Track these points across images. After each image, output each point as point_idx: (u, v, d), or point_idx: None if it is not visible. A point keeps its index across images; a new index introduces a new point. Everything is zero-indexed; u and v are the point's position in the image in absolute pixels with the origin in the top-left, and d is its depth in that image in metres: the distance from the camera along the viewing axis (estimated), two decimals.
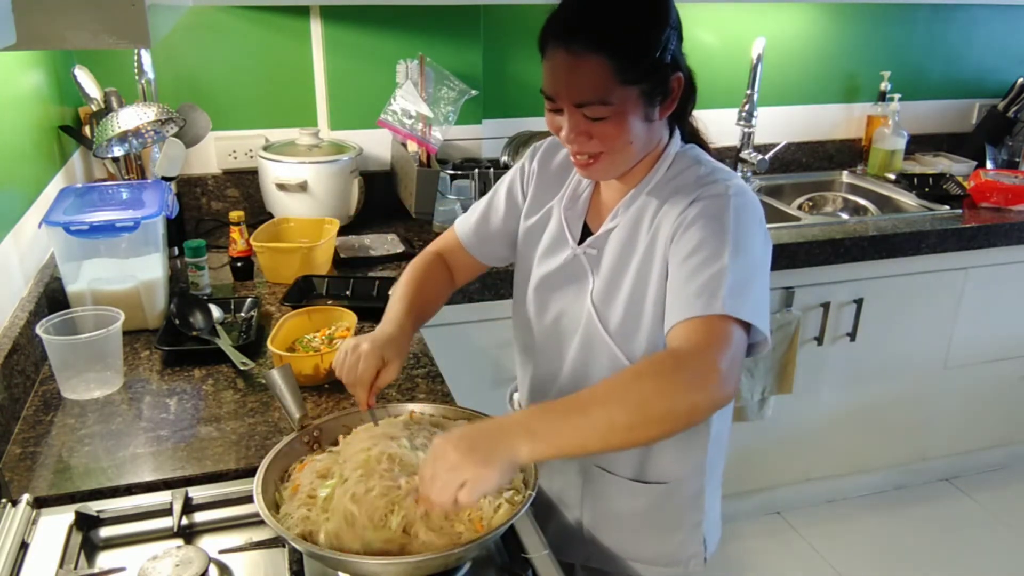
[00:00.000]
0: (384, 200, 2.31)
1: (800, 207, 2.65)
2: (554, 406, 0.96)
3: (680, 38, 1.10)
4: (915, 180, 2.63)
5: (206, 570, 0.96)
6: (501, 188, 1.37)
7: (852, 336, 2.38)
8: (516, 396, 1.52)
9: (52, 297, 1.59)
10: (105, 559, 1.04)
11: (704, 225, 1.07)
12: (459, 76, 2.22)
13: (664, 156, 1.17)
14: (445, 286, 1.39)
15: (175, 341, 1.54)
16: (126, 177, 1.89)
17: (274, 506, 0.99)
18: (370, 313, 1.69)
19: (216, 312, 1.65)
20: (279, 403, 1.16)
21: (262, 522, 0.95)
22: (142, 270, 1.60)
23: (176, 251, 1.98)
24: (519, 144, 2.29)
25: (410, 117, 2.12)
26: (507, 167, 2.29)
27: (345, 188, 2.14)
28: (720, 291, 1.01)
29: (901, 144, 2.76)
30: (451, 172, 2.28)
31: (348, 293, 1.81)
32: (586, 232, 1.24)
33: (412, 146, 2.19)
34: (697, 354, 0.98)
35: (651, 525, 1.31)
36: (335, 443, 1.12)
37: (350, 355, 1.13)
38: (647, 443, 1.08)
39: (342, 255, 2.00)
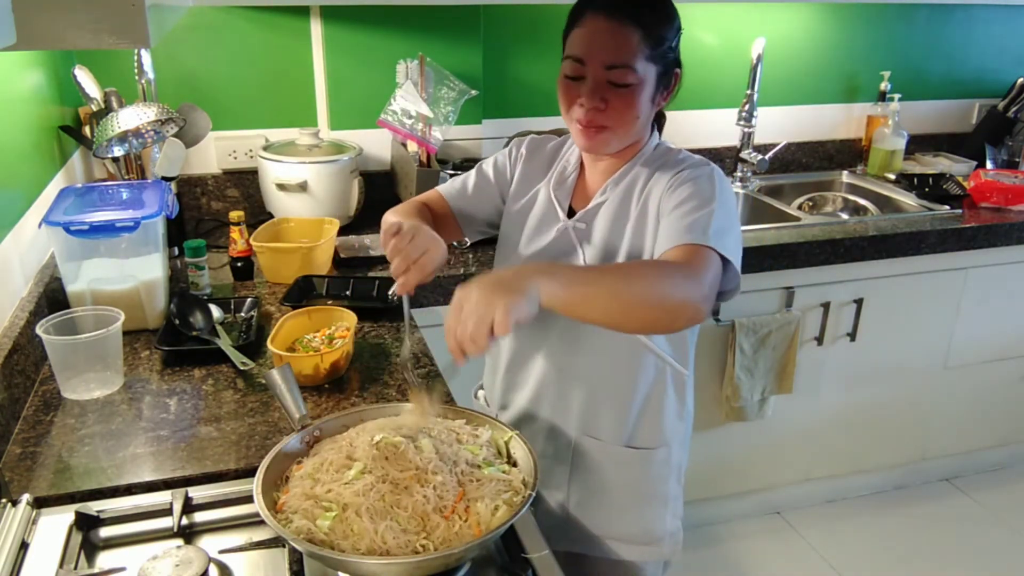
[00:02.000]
0: (384, 200, 2.29)
1: (800, 207, 2.65)
2: (568, 265, 1.10)
3: (679, 40, 1.24)
4: (915, 180, 2.63)
5: (206, 570, 0.96)
6: (487, 163, 1.43)
7: (852, 336, 2.38)
8: (482, 393, 1.54)
9: (52, 297, 1.59)
10: (105, 559, 1.04)
11: (693, 183, 1.19)
12: (459, 76, 2.22)
13: (648, 144, 1.29)
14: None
15: (175, 341, 1.54)
16: (126, 177, 1.89)
17: (275, 505, 0.99)
18: (370, 313, 1.69)
19: (216, 312, 1.65)
20: (279, 403, 1.16)
21: (262, 522, 0.95)
22: (142, 270, 1.60)
23: (176, 251, 1.98)
24: None
25: (410, 117, 2.12)
26: None
27: (345, 188, 2.14)
28: (708, 229, 1.13)
29: (901, 144, 2.76)
30: (451, 172, 2.27)
31: (348, 293, 1.81)
32: (572, 215, 1.31)
33: (412, 146, 2.19)
34: (689, 267, 1.10)
35: (637, 497, 1.36)
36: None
37: (419, 239, 1.13)
38: (636, 325, 1.14)
39: (342, 255, 2.00)
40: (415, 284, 1.13)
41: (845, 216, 2.65)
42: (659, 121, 1.32)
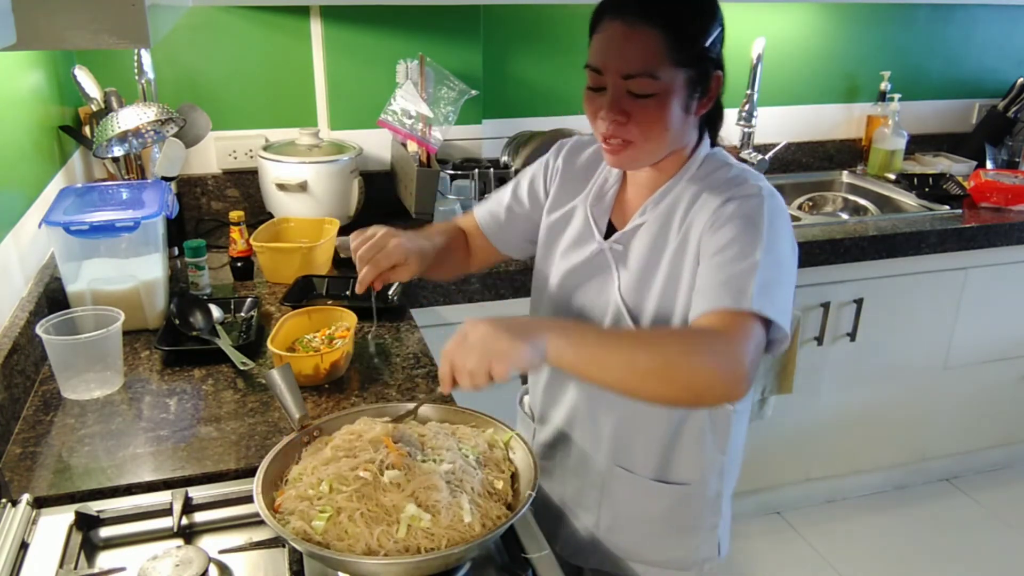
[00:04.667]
0: (384, 200, 2.31)
1: (800, 207, 2.65)
2: (589, 325, 1.00)
3: (723, 41, 1.12)
4: (915, 180, 2.63)
5: (206, 570, 0.96)
6: (524, 179, 1.37)
7: (852, 336, 2.38)
8: (527, 399, 1.50)
9: (52, 297, 1.59)
10: (105, 559, 1.04)
11: (739, 223, 1.08)
12: (459, 76, 2.22)
13: (695, 156, 1.17)
14: (464, 254, 1.39)
15: (175, 341, 1.54)
16: (126, 177, 1.89)
17: (273, 505, 0.99)
18: (370, 313, 1.69)
19: (216, 312, 1.65)
20: (279, 403, 1.16)
21: (262, 522, 0.95)
22: (142, 270, 1.60)
23: (176, 251, 1.98)
24: (519, 144, 2.29)
25: (410, 117, 2.12)
26: (507, 167, 2.30)
27: (345, 188, 2.14)
28: (749, 287, 1.02)
29: (901, 144, 2.76)
30: (451, 172, 2.28)
31: (348, 293, 1.81)
32: (611, 230, 1.24)
33: (412, 146, 2.19)
34: (728, 342, 0.99)
35: (669, 527, 1.30)
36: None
37: (377, 239, 1.15)
38: (655, 400, 1.04)
39: (342, 255, 1.99)
40: (370, 279, 1.16)
41: (845, 216, 2.65)
42: (713, 126, 1.19)
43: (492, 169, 2.28)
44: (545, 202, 1.33)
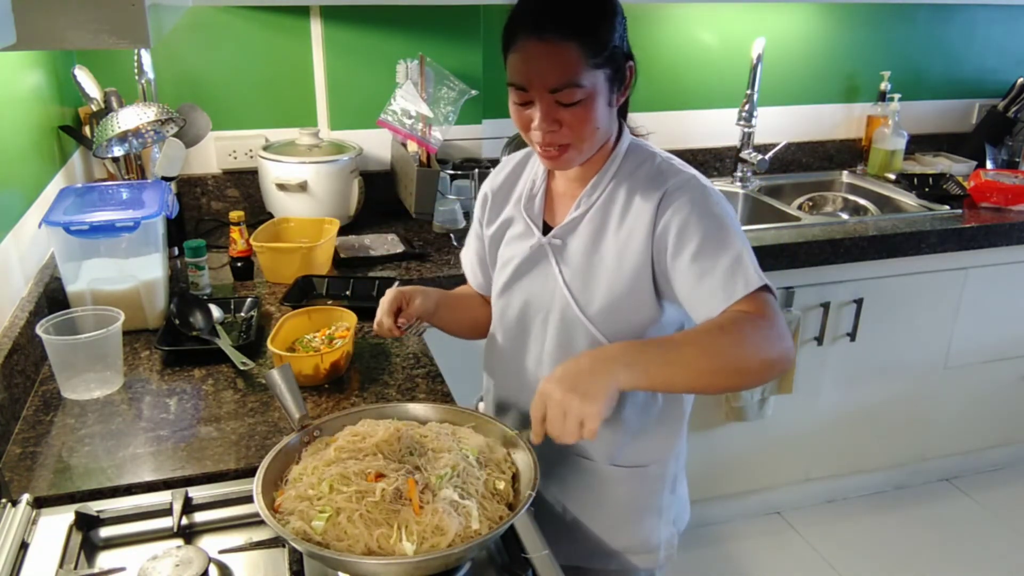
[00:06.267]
0: (384, 200, 2.31)
1: (800, 207, 2.65)
2: (648, 343, 1.06)
3: (626, 29, 1.17)
4: (915, 180, 2.63)
5: (206, 570, 0.96)
6: (474, 224, 1.43)
7: (852, 336, 2.38)
8: (481, 406, 1.52)
9: (52, 297, 1.59)
10: (105, 559, 1.04)
11: (699, 221, 1.13)
12: (459, 76, 2.22)
13: (619, 146, 1.23)
14: (479, 307, 1.44)
15: (175, 341, 1.54)
16: (126, 177, 1.89)
17: (273, 505, 0.99)
18: (370, 313, 1.68)
19: (216, 312, 1.65)
20: (279, 403, 1.16)
21: (262, 522, 0.95)
22: (142, 270, 1.60)
23: (176, 251, 1.98)
24: (519, 144, 2.29)
25: (410, 117, 2.12)
26: None
27: (345, 188, 2.14)
28: (748, 269, 1.10)
29: (901, 144, 2.76)
30: (451, 172, 2.28)
31: (348, 293, 1.81)
32: (546, 227, 1.29)
33: (412, 146, 2.19)
34: (764, 319, 1.07)
35: (632, 511, 1.35)
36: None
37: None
38: (729, 390, 1.20)
39: (342, 255, 2.00)
40: (388, 323, 1.28)
41: (845, 216, 2.65)
42: (623, 111, 1.26)
43: (492, 169, 2.27)
44: (484, 228, 1.39)
